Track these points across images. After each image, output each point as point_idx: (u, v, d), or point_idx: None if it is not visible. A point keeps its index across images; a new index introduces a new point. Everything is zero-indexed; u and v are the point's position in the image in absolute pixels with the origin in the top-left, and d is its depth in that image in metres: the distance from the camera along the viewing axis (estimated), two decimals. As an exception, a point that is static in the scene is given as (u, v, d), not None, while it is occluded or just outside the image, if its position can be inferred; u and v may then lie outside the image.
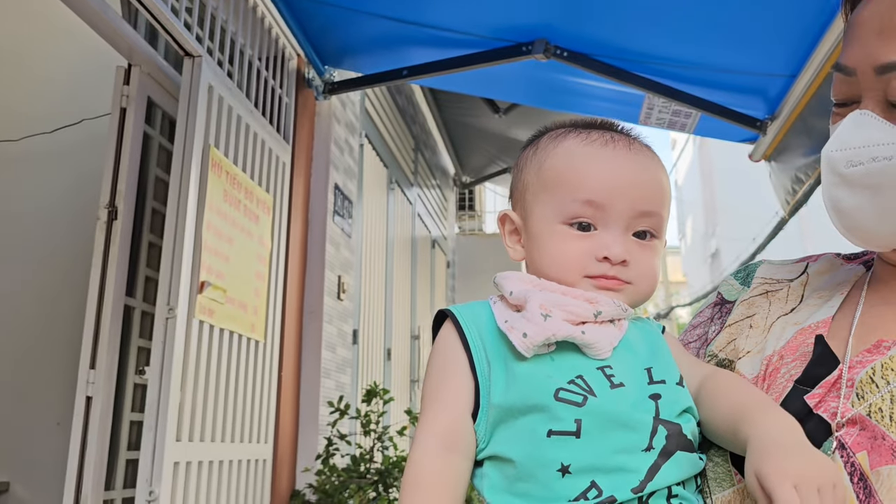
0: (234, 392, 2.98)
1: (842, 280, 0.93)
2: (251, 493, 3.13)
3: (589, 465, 0.78)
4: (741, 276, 1.04)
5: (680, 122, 3.53)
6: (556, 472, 0.78)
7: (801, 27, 2.83)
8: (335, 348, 3.95)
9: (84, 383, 2.59)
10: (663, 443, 0.80)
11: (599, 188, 0.88)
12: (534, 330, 0.82)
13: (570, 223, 0.89)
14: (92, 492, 2.52)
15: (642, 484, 0.77)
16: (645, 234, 0.90)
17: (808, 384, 0.82)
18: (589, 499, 0.77)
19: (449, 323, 0.90)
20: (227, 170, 2.95)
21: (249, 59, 3.31)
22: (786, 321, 0.91)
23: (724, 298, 1.03)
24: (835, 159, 0.80)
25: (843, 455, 0.75)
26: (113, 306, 2.67)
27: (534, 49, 3.13)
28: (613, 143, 0.92)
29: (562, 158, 0.92)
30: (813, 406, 0.80)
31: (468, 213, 8.64)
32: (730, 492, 0.82)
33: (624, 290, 0.89)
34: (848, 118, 0.81)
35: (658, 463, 0.79)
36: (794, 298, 0.95)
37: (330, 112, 3.99)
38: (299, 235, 3.70)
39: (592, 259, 0.88)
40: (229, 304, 2.92)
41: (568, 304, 0.85)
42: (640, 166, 0.91)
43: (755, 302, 0.98)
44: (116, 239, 2.71)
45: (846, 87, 0.83)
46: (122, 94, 2.80)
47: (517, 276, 0.91)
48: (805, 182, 3.40)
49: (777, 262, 1.03)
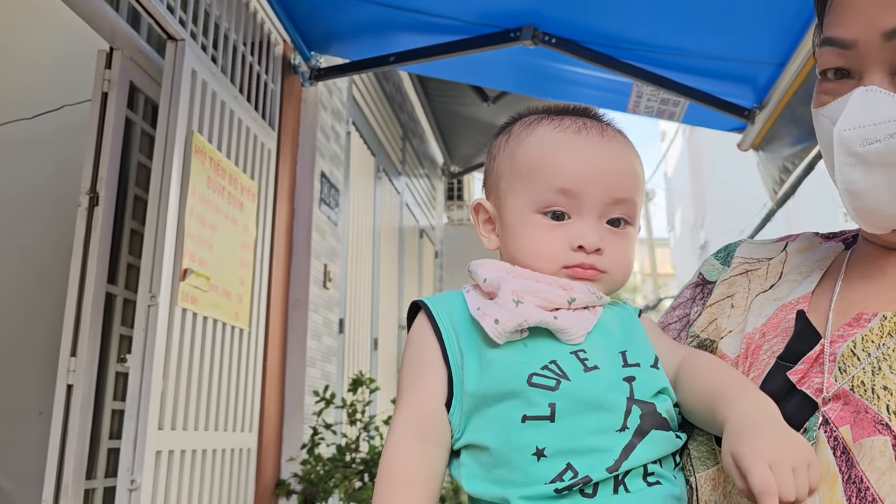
0: (218, 381, 2.95)
1: (821, 257, 0.93)
2: (235, 483, 3.11)
3: (564, 447, 0.78)
4: (721, 255, 1.04)
5: (668, 111, 3.51)
6: (532, 455, 0.79)
7: (789, 15, 2.81)
8: (321, 337, 3.92)
9: (65, 371, 2.55)
10: (637, 422, 0.80)
11: (573, 176, 0.88)
12: (505, 316, 0.82)
13: (543, 212, 0.89)
14: (73, 481, 2.49)
15: (617, 463, 0.78)
16: (619, 221, 0.90)
17: (790, 360, 0.82)
18: (565, 480, 0.77)
19: (422, 314, 0.90)
20: (211, 156, 2.91)
21: (234, 43, 3.27)
22: (765, 298, 0.91)
23: (706, 279, 1.02)
24: (849, 138, 0.78)
25: (827, 430, 0.75)
26: (94, 293, 2.63)
27: (521, 35, 3.10)
28: (586, 130, 0.92)
29: (535, 146, 0.92)
30: (796, 382, 0.80)
31: (456, 203, 8.61)
32: (713, 470, 0.82)
33: (600, 279, 0.89)
34: (855, 95, 0.78)
35: (633, 442, 0.79)
36: (774, 276, 0.95)
37: (316, 99, 3.95)
38: (285, 223, 3.66)
39: (567, 248, 0.88)
40: (213, 292, 2.89)
41: (542, 291, 0.85)
42: (613, 153, 0.91)
43: (735, 281, 0.97)
44: (98, 225, 2.67)
45: (841, 61, 0.80)
46: (103, 79, 2.75)
47: (491, 264, 0.90)
48: (792, 171, 3.39)
49: (757, 241, 1.03)
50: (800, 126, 3.15)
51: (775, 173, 3.47)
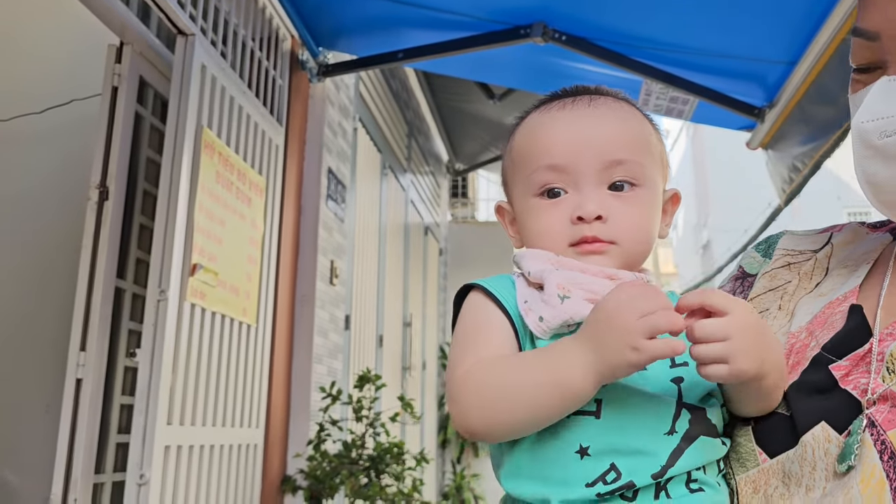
0: (226, 376, 2.95)
1: (868, 249, 0.90)
2: (242, 478, 3.11)
3: (609, 446, 0.76)
4: (762, 248, 1.01)
5: (677, 109, 3.50)
6: (575, 453, 0.76)
7: (801, 13, 2.80)
8: (327, 334, 3.92)
9: (74, 366, 2.55)
10: (686, 427, 0.78)
11: (557, 150, 0.86)
12: (550, 313, 0.79)
13: (539, 194, 0.87)
14: (82, 475, 2.49)
15: (663, 469, 0.75)
16: (622, 184, 0.85)
17: (835, 354, 0.79)
18: (607, 482, 0.74)
19: (478, 293, 0.86)
20: (220, 151, 2.91)
21: (243, 39, 3.26)
22: (811, 297, 0.88)
23: (746, 272, 1.00)
24: (867, 130, 0.77)
25: (874, 433, 0.71)
26: (103, 288, 2.63)
27: (532, 32, 3.09)
28: (573, 104, 0.89)
29: (523, 134, 0.92)
30: (839, 379, 0.77)
31: (461, 201, 8.61)
32: (754, 472, 0.79)
33: (609, 251, 0.84)
34: (877, 86, 0.77)
35: (680, 447, 0.76)
36: (820, 272, 0.92)
37: (324, 94, 3.94)
38: (292, 219, 3.66)
39: (568, 223, 0.85)
40: (221, 288, 2.89)
41: (587, 283, 0.82)
42: (600, 118, 0.87)
43: (777, 274, 0.95)
44: (107, 220, 2.67)
45: (868, 53, 0.79)
46: (113, 73, 2.75)
47: (535, 254, 0.87)
48: (802, 171, 3.38)
49: (800, 232, 1.00)
50: (810, 125, 3.13)
51: (784, 172, 3.45)
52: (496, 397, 0.76)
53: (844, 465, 0.71)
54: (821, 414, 0.76)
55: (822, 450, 0.74)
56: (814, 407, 0.77)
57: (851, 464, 0.71)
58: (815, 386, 0.77)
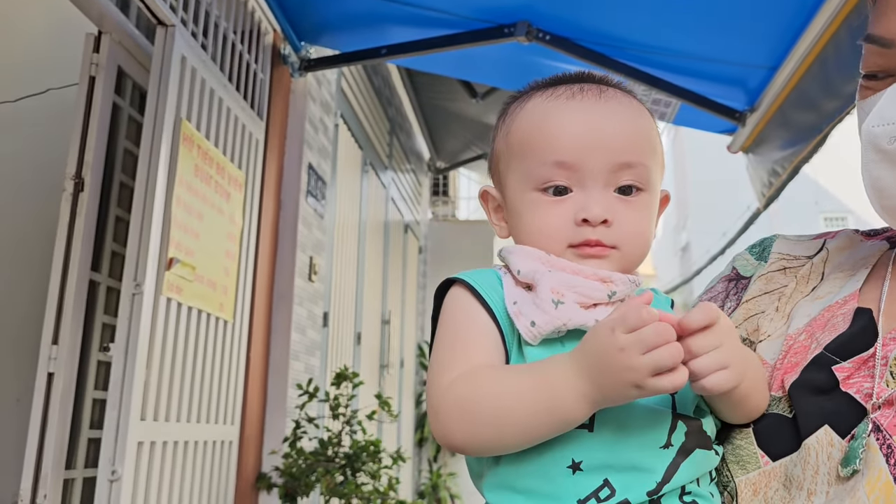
0: (201, 372, 2.92)
1: (864, 255, 0.90)
2: (216, 475, 3.08)
3: (602, 461, 0.73)
4: (756, 251, 1.00)
5: (660, 112, 3.51)
6: (567, 468, 0.73)
7: (783, 19, 2.82)
8: (305, 330, 3.89)
9: (46, 359, 2.51)
10: (682, 440, 0.75)
11: (568, 147, 0.81)
12: (543, 319, 0.76)
13: (543, 189, 0.82)
14: (52, 471, 2.45)
15: (658, 486, 0.73)
16: (629, 188, 0.82)
17: (839, 355, 0.78)
18: (601, 499, 0.72)
19: (461, 288, 0.82)
20: (199, 144, 2.87)
21: (224, 31, 3.23)
22: (808, 301, 0.88)
23: (740, 274, 0.99)
24: (876, 135, 0.76)
25: (879, 437, 0.71)
26: (77, 281, 2.59)
27: (516, 31, 3.09)
28: (581, 95, 0.84)
29: (526, 120, 0.85)
30: (841, 381, 0.76)
31: (442, 199, 8.60)
32: (755, 474, 0.78)
33: (610, 256, 0.81)
34: (889, 91, 0.77)
35: (676, 461, 0.74)
36: (816, 276, 0.91)
37: (305, 90, 3.91)
38: (271, 214, 3.63)
39: (571, 224, 0.81)
40: (198, 282, 2.85)
41: (580, 286, 0.78)
42: (612, 115, 0.83)
43: (773, 278, 0.94)
44: (82, 211, 2.62)
45: (881, 60, 0.79)
46: (91, 63, 2.70)
47: (525, 252, 0.83)
48: (781, 175, 3.40)
49: (793, 237, 1.00)
50: (790, 130, 3.16)
51: (764, 176, 3.48)
52: (482, 414, 0.72)
53: (849, 469, 0.70)
54: (824, 417, 0.75)
55: (825, 454, 0.73)
56: (816, 409, 0.76)
57: (856, 468, 0.70)
58: (816, 385, 0.77)
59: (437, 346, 0.80)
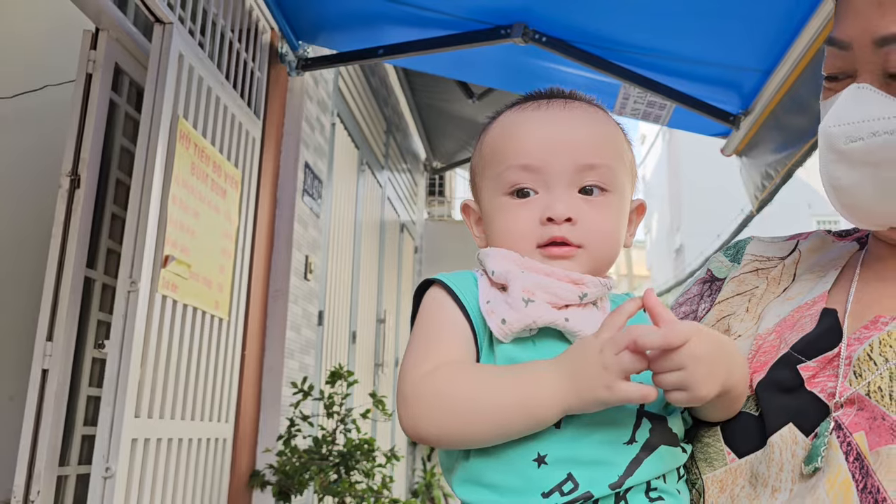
0: (196, 369, 2.92)
1: (835, 257, 0.91)
2: (210, 473, 3.08)
3: (567, 456, 0.75)
4: (731, 252, 1.02)
5: (654, 114, 3.53)
6: (532, 461, 0.75)
7: (777, 23, 2.84)
8: (300, 329, 3.90)
9: (41, 355, 2.51)
10: (646, 436, 0.77)
11: (531, 150, 0.85)
12: (513, 316, 0.78)
13: (510, 193, 0.86)
14: (46, 467, 2.46)
15: (620, 479, 0.75)
16: (592, 189, 0.85)
17: (804, 354, 0.80)
18: (564, 492, 0.74)
19: (438, 288, 0.85)
20: (196, 142, 2.88)
21: (222, 29, 3.23)
22: (779, 301, 0.90)
23: (714, 275, 1.01)
24: (833, 135, 0.78)
25: (840, 435, 0.72)
26: (73, 278, 2.59)
27: (512, 33, 3.09)
28: (547, 106, 0.89)
29: (497, 131, 0.91)
30: (805, 379, 0.78)
31: (438, 199, 8.60)
32: (722, 471, 0.80)
33: (577, 256, 0.84)
34: (846, 92, 0.78)
35: (639, 457, 0.76)
36: (787, 277, 0.93)
37: (302, 89, 3.92)
38: (267, 213, 3.63)
39: (537, 224, 0.84)
40: (193, 280, 2.86)
41: (552, 286, 0.81)
42: (574, 122, 0.87)
43: (745, 279, 0.96)
44: (78, 208, 2.63)
45: (840, 62, 0.80)
46: (88, 59, 2.71)
47: (500, 254, 0.86)
48: (774, 178, 3.42)
49: (766, 238, 1.01)
50: (784, 133, 3.17)
51: (757, 179, 3.49)
52: (454, 408, 0.75)
53: (811, 466, 0.72)
54: (788, 415, 0.77)
55: (790, 451, 0.75)
56: (782, 407, 0.77)
57: (818, 465, 0.71)
58: (781, 384, 0.78)
59: (412, 340, 0.84)
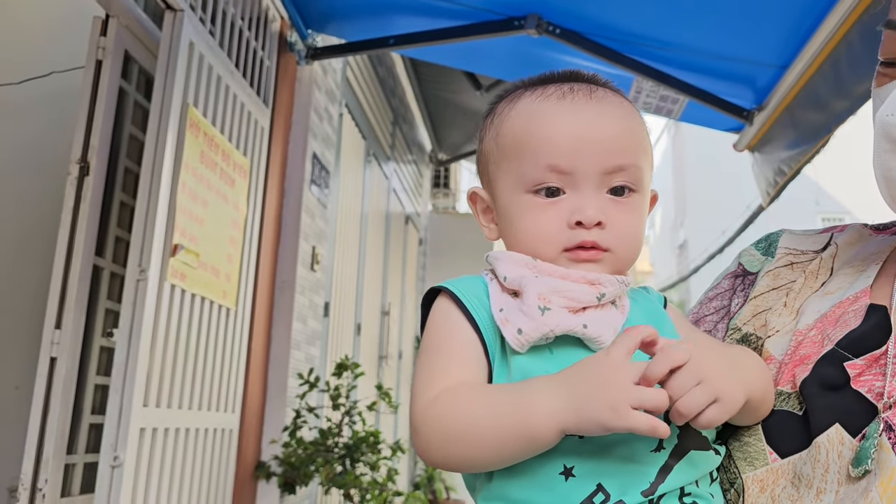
0: (203, 359, 2.91)
1: (875, 251, 0.88)
2: (217, 463, 3.07)
3: (594, 467, 0.73)
4: (762, 246, 0.99)
5: (667, 108, 3.50)
6: (559, 475, 0.73)
7: (795, 17, 2.80)
8: (306, 320, 3.89)
9: (49, 344, 2.50)
10: (675, 442, 0.75)
11: (561, 150, 0.80)
12: (530, 326, 0.75)
13: (535, 191, 0.81)
14: (53, 456, 2.44)
15: (652, 486, 0.72)
16: (622, 189, 0.81)
17: (851, 352, 0.76)
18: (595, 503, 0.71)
19: (446, 298, 0.81)
20: (206, 130, 2.85)
21: (232, 18, 3.21)
22: (818, 296, 0.87)
23: (746, 269, 0.98)
24: (890, 124, 0.74)
25: (891, 437, 0.70)
26: (81, 266, 2.57)
27: (526, 24, 3.07)
28: (572, 95, 0.83)
29: (517, 121, 0.84)
30: (852, 378, 0.75)
31: (443, 191, 8.58)
32: (763, 471, 0.77)
33: (604, 259, 0.80)
34: None
35: (669, 464, 0.74)
36: (825, 271, 0.90)
37: (311, 78, 3.89)
38: (275, 202, 3.61)
39: (565, 227, 0.80)
40: (202, 269, 2.84)
41: (568, 290, 0.77)
42: (604, 117, 0.82)
43: (780, 273, 0.93)
44: (87, 196, 2.61)
45: None
46: (98, 46, 2.69)
47: (511, 258, 0.82)
48: (787, 174, 3.39)
49: (799, 231, 0.98)
50: (798, 129, 3.14)
51: (770, 175, 3.46)
52: (457, 434, 0.73)
53: (860, 469, 0.69)
54: (835, 415, 0.74)
55: (836, 452, 0.72)
56: (828, 407, 0.75)
57: (868, 468, 0.69)
58: (827, 383, 0.76)
59: (419, 361, 0.81)
